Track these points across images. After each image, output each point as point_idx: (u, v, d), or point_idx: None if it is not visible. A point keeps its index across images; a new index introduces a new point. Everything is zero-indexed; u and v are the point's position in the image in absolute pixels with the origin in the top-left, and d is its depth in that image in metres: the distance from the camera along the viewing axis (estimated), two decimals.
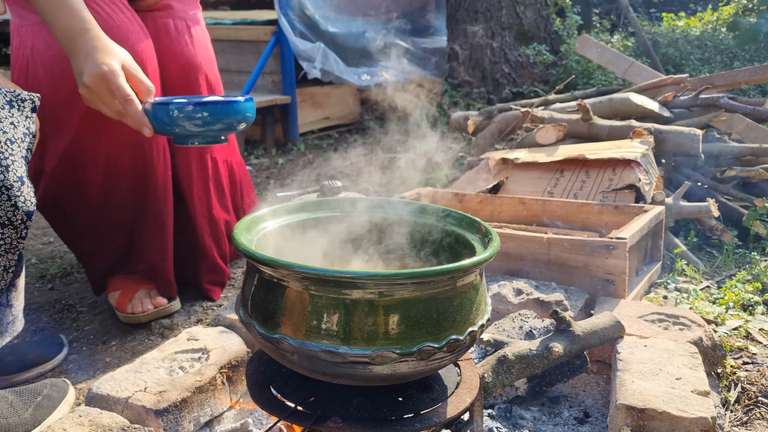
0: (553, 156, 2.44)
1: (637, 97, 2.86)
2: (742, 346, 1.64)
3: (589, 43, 4.01)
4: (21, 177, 1.14)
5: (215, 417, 1.29)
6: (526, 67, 5.19)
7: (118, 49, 1.34)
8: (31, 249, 2.41)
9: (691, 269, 2.15)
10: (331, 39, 4.99)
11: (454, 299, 0.91)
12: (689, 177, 2.66)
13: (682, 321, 1.53)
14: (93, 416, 1.13)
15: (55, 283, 2.08)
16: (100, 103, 1.31)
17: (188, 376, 1.26)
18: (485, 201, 2.28)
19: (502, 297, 1.62)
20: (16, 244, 1.16)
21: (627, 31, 6.33)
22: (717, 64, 5.17)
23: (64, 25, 1.32)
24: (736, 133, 2.96)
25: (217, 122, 1.28)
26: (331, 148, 4.58)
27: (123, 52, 1.34)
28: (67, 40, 1.33)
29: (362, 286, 0.86)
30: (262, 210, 1.11)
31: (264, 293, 0.93)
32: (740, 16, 5.88)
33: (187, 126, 1.28)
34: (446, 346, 0.90)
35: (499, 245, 0.98)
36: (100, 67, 1.27)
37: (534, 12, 5.25)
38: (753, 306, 1.87)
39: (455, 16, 5.39)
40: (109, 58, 1.29)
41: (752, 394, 1.44)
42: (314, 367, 0.91)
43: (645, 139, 2.46)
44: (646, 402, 1.16)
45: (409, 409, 0.98)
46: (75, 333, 1.75)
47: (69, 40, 1.33)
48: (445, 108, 5.25)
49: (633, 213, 2.03)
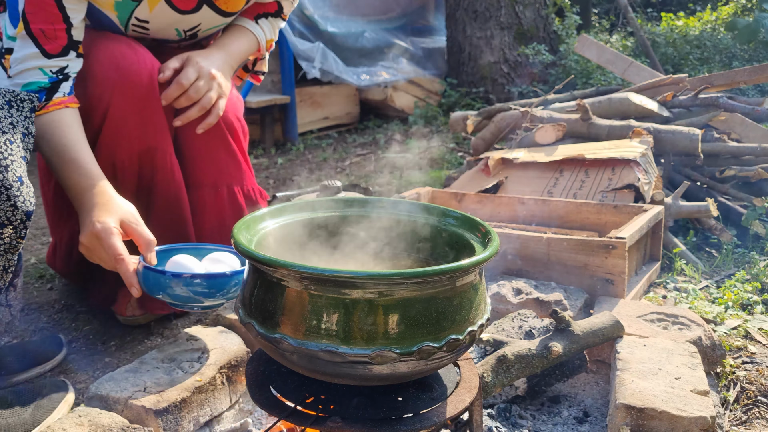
0: (553, 156, 2.44)
1: (636, 97, 2.86)
2: (741, 345, 1.64)
3: (588, 42, 4.01)
4: (20, 177, 1.14)
5: (215, 417, 1.29)
6: (525, 67, 5.19)
7: (118, 204, 1.35)
8: (31, 249, 2.41)
9: (690, 269, 2.15)
10: (331, 39, 4.99)
11: (453, 299, 0.91)
12: (688, 176, 2.67)
13: (681, 320, 1.53)
14: (93, 416, 1.13)
15: (54, 283, 2.08)
16: (98, 258, 1.33)
17: (188, 376, 1.26)
18: (484, 201, 2.28)
19: (502, 297, 1.62)
20: (16, 244, 1.16)
21: (626, 31, 6.33)
22: (716, 64, 5.17)
23: (72, 183, 1.36)
24: (735, 133, 2.96)
25: (207, 295, 1.28)
26: (330, 148, 4.58)
27: (123, 208, 1.35)
28: (75, 197, 1.37)
29: (362, 286, 0.86)
30: (261, 210, 1.11)
31: (263, 293, 0.93)
32: (739, 16, 5.89)
33: (175, 294, 1.27)
34: (446, 346, 0.90)
35: (499, 245, 0.98)
36: (94, 225, 1.29)
37: (533, 12, 5.25)
38: (752, 305, 1.88)
39: (454, 16, 5.39)
40: (105, 216, 1.30)
41: (751, 393, 1.44)
42: (314, 367, 0.91)
43: (644, 138, 2.46)
44: (646, 401, 1.16)
45: (409, 409, 0.98)
46: (74, 333, 1.75)
47: (76, 196, 1.36)
48: (444, 108, 5.25)
49: (632, 213, 2.03)
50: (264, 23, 1.75)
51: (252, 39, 1.73)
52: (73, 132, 1.39)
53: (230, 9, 1.64)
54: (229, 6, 1.63)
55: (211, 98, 1.57)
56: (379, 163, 4.08)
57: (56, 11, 1.40)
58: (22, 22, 1.38)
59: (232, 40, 1.70)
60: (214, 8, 1.61)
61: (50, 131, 1.37)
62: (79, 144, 1.39)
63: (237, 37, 1.71)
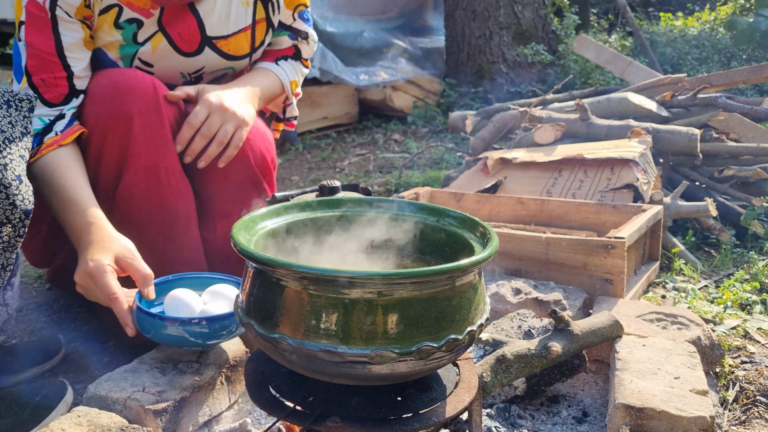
0: (552, 155, 2.44)
1: (635, 97, 2.86)
2: (741, 345, 1.64)
3: (587, 42, 4.01)
4: (19, 176, 1.14)
5: (214, 417, 1.29)
6: (525, 67, 5.20)
7: (114, 240, 1.33)
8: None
9: (689, 268, 2.15)
10: (330, 39, 4.99)
11: (452, 299, 0.91)
12: (687, 176, 2.67)
13: (680, 320, 1.53)
14: (91, 416, 1.13)
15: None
16: (93, 295, 1.32)
17: (187, 376, 1.26)
18: (483, 200, 2.28)
19: (501, 296, 1.62)
20: (15, 243, 1.16)
21: (625, 31, 6.33)
22: (714, 64, 5.17)
23: (71, 223, 1.35)
24: (733, 133, 2.96)
25: (207, 337, 1.26)
26: (329, 148, 4.58)
27: (118, 243, 1.33)
28: (74, 236, 1.35)
29: (361, 286, 0.86)
30: (260, 210, 1.11)
31: (263, 293, 0.93)
32: (738, 16, 5.89)
33: (171, 337, 1.25)
34: (445, 346, 0.90)
35: (498, 245, 0.98)
36: (87, 264, 1.27)
37: (532, 11, 5.26)
38: (751, 305, 1.88)
39: (453, 16, 5.39)
40: (99, 254, 1.29)
41: (750, 393, 1.44)
42: (313, 367, 0.91)
43: (643, 138, 2.46)
44: (645, 401, 1.16)
45: (408, 409, 0.98)
46: (73, 333, 1.75)
47: (75, 235, 1.35)
48: (443, 107, 5.25)
49: (631, 212, 2.03)
50: (284, 65, 1.75)
51: (273, 77, 1.71)
52: (69, 171, 1.38)
53: (232, 52, 1.64)
54: (231, 49, 1.63)
55: (227, 131, 1.51)
56: (377, 163, 4.08)
57: (56, 60, 1.42)
58: (25, 76, 1.41)
59: (251, 77, 1.68)
60: (216, 51, 1.61)
61: (48, 173, 1.37)
62: (77, 182, 1.38)
63: (256, 75, 1.69)
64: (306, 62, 1.81)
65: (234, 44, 1.63)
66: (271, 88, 1.71)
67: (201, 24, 1.57)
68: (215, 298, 1.33)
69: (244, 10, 1.61)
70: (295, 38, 1.76)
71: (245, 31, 1.63)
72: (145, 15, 1.51)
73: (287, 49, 1.76)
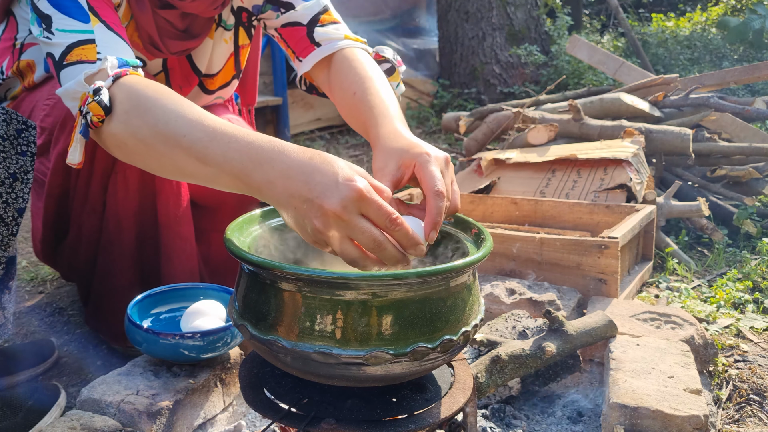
0: (545, 156, 2.44)
1: (628, 97, 2.87)
2: (734, 344, 1.65)
3: (580, 43, 4.02)
4: (14, 173, 1.13)
5: (208, 419, 1.29)
6: (517, 68, 5.21)
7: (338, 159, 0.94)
8: (21, 252, 2.39)
9: (682, 268, 2.16)
10: None
11: (447, 300, 0.91)
12: (680, 176, 2.68)
13: (673, 320, 1.54)
14: (85, 420, 1.12)
15: (45, 286, 2.07)
16: (347, 236, 0.92)
17: (181, 378, 1.26)
18: (477, 201, 2.28)
19: (495, 297, 1.62)
20: (7, 241, 1.16)
21: (617, 32, 6.36)
22: (706, 64, 5.20)
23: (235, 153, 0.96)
24: (725, 133, 2.98)
25: (191, 353, 1.25)
26: (323, 149, 4.58)
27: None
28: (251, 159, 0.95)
29: (355, 288, 0.86)
30: (254, 211, 1.10)
31: (257, 295, 0.93)
32: (729, 16, 5.92)
33: (161, 350, 1.25)
34: (440, 347, 0.90)
35: (492, 245, 0.98)
36: (351, 182, 0.89)
37: (524, 13, 5.27)
38: (744, 304, 1.88)
39: (446, 17, 5.40)
40: (349, 170, 0.91)
41: (744, 391, 1.44)
42: (308, 369, 0.91)
43: (636, 138, 2.47)
44: (639, 400, 1.17)
45: (403, 410, 0.97)
46: (66, 336, 1.74)
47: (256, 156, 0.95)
48: (437, 108, 5.26)
49: (624, 212, 2.04)
50: (329, 31, 1.47)
51: (379, 75, 1.34)
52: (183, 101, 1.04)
53: (212, 87, 1.66)
54: (213, 85, 1.65)
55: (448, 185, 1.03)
56: (371, 165, 4.07)
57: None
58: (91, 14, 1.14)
59: (379, 99, 1.24)
60: (203, 89, 1.64)
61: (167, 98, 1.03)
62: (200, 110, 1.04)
63: (374, 92, 1.26)
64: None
65: (221, 79, 1.65)
66: (391, 91, 1.30)
67: (195, 68, 1.60)
68: (200, 315, 1.32)
69: (226, 47, 1.62)
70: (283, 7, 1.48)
71: (229, 60, 1.65)
72: (148, 57, 1.50)
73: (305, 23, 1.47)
